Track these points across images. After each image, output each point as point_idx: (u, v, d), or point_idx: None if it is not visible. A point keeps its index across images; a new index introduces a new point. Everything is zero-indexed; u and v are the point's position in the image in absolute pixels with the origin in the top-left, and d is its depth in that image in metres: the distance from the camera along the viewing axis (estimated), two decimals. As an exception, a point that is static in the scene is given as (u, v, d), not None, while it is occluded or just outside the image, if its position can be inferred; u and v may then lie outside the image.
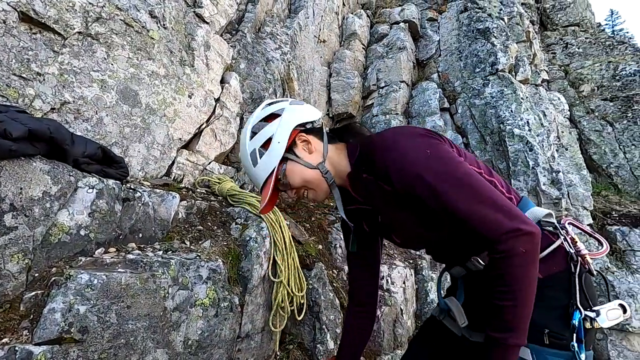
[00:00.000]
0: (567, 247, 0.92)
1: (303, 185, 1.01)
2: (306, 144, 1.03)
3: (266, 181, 1.00)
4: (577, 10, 10.36)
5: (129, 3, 2.23)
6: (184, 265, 1.65)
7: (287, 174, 1.00)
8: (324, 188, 1.03)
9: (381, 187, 0.94)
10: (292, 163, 1.00)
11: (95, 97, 1.98)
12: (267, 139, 1.00)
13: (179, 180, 2.55)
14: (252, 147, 1.01)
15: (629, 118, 6.82)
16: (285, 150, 0.99)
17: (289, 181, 1.01)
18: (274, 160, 0.99)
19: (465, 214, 0.81)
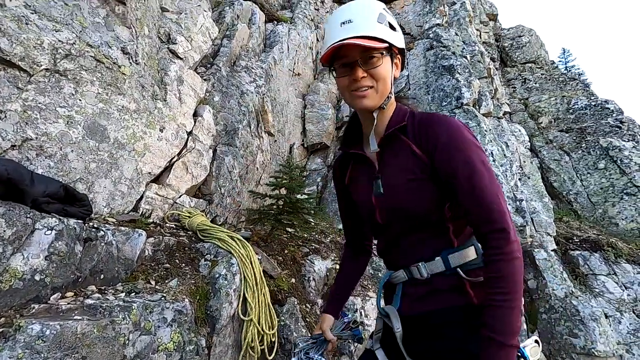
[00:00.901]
0: None
1: (378, 79, 0.99)
2: (397, 65, 1.07)
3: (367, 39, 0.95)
4: (532, 49, 11.27)
5: (100, 40, 2.24)
6: (147, 308, 1.58)
7: (383, 60, 0.99)
8: (381, 100, 1.02)
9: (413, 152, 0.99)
10: (389, 61, 1.02)
11: (60, 133, 1.94)
12: (394, 25, 1.04)
13: (147, 215, 2.48)
14: (385, 13, 1.02)
15: (583, 148, 7.34)
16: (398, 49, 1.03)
17: (380, 65, 0.98)
18: (394, 40, 1.00)
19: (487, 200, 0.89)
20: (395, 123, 1.04)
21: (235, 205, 3.62)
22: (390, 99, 1.04)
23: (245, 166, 3.82)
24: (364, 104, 1.01)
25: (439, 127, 0.97)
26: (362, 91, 0.99)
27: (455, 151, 0.93)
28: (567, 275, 4.79)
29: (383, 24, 0.99)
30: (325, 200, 5.02)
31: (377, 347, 1.11)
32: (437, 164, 0.95)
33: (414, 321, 1.02)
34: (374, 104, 1.01)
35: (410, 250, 1.04)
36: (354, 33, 0.95)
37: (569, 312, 4.23)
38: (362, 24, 0.97)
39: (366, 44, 0.94)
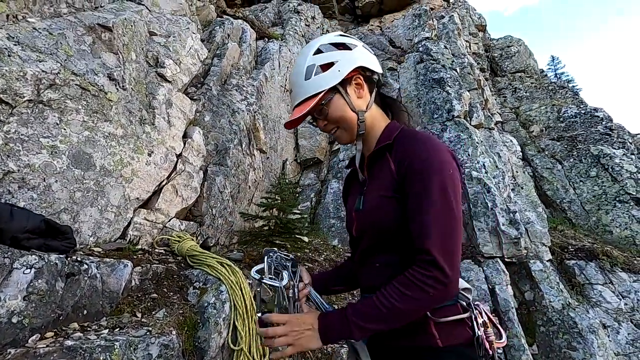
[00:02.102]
0: (475, 327, 0.94)
1: (337, 121, 1.03)
2: (358, 88, 1.04)
3: (307, 100, 1.00)
4: (521, 59, 11.46)
5: (86, 68, 2.24)
6: (131, 345, 1.54)
7: (330, 104, 1.01)
8: (352, 133, 1.04)
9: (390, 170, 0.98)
10: (339, 97, 1.01)
11: (43, 163, 1.92)
12: (329, 62, 1.01)
13: (134, 242, 2.44)
14: (312, 62, 1.01)
15: (575, 156, 7.40)
16: (340, 81, 1.00)
17: (329, 111, 1.02)
18: (328, 83, 0.99)
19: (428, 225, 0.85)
20: (383, 141, 1.04)
21: (227, 226, 3.59)
22: (363, 122, 1.04)
23: (237, 185, 3.79)
24: (340, 142, 1.09)
25: (414, 145, 0.96)
26: (333, 134, 1.06)
27: (418, 169, 0.91)
28: (563, 286, 4.77)
29: (313, 76, 1.01)
30: (319, 216, 4.99)
31: None
32: (402, 180, 0.95)
33: (382, 356, 0.99)
34: (348, 139, 1.07)
35: (378, 273, 1.02)
36: (295, 102, 1.04)
37: (567, 324, 4.19)
38: (297, 92, 1.04)
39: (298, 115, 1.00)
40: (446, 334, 0.90)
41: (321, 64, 1.01)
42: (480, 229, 4.70)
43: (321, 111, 1.03)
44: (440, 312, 0.92)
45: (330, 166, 5.76)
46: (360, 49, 1.06)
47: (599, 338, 4.07)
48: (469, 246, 4.83)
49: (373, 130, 1.06)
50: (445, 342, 0.90)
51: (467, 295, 0.98)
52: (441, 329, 0.91)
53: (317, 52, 1.03)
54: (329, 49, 1.04)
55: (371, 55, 1.08)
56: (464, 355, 0.91)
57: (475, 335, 0.92)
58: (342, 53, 1.03)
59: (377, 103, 1.11)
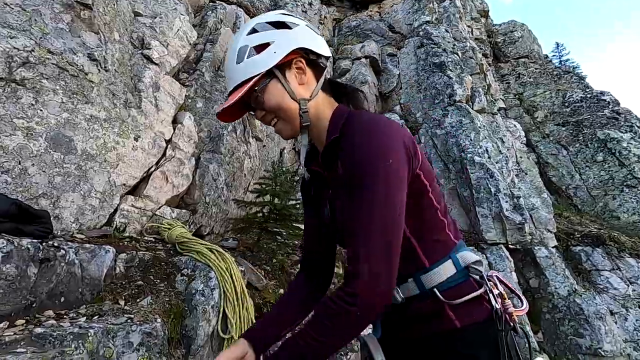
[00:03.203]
0: (493, 301, 0.84)
1: (275, 110, 0.89)
2: (300, 73, 0.90)
3: (240, 86, 0.87)
4: (525, 44, 11.19)
5: (64, 47, 2.13)
6: (109, 333, 1.45)
7: (265, 91, 0.88)
8: (294, 125, 0.91)
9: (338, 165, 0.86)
10: (276, 83, 0.88)
11: (18, 146, 1.82)
12: (264, 42, 0.88)
13: (121, 230, 2.35)
14: (244, 43, 0.88)
15: (581, 141, 7.22)
16: (276, 64, 0.87)
17: (264, 99, 0.88)
18: (260, 67, 0.86)
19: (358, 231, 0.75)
20: (330, 134, 0.90)
21: (222, 214, 3.49)
22: (306, 113, 0.90)
23: (232, 173, 3.69)
24: (282, 135, 0.94)
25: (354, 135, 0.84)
26: (274, 126, 0.93)
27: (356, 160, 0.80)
28: (569, 273, 4.65)
29: (245, 59, 0.87)
30: (318, 205, 4.89)
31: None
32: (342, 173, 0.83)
33: (396, 349, 0.91)
34: (290, 133, 0.93)
35: None
36: (229, 90, 0.91)
37: (573, 311, 4.08)
38: (229, 77, 0.91)
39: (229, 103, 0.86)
40: (463, 314, 0.82)
41: (255, 45, 0.87)
42: (484, 215, 4.58)
43: (257, 100, 0.89)
44: (453, 292, 0.84)
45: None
46: (302, 27, 0.92)
47: (606, 324, 3.96)
48: (472, 233, 4.72)
49: (320, 121, 0.92)
50: (463, 322, 0.82)
51: (478, 269, 0.88)
52: (457, 309, 0.83)
53: (252, 31, 0.90)
54: (265, 27, 0.90)
55: (317, 35, 0.94)
56: (484, 332, 0.83)
57: (494, 309, 0.83)
58: (280, 32, 0.89)
59: (326, 91, 0.96)
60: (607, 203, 6.36)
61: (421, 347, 0.87)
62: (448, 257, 0.86)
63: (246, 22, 0.94)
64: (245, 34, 0.90)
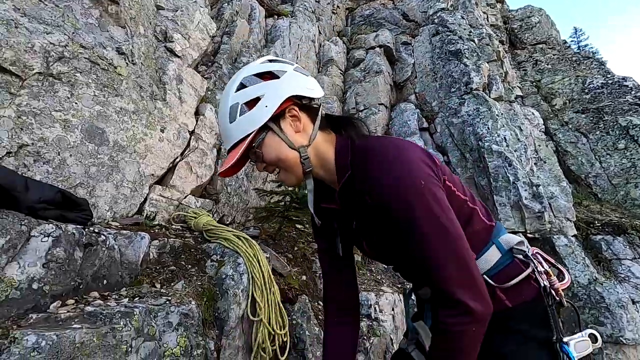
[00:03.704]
0: (539, 278, 0.88)
1: (275, 162, 0.91)
2: (295, 120, 0.91)
3: (238, 144, 0.88)
4: (543, 30, 10.90)
5: (94, 41, 2.19)
6: (151, 312, 1.53)
7: (263, 145, 0.88)
8: (297, 174, 0.92)
9: (364, 199, 0.86)
10: (273, 135, 0.89)
11: (57, 137, 1.91)
12: (254, 97, 0.88)
13: (151, 218, 2.44)
14: (234, 101, 0.88)
15: (601, 129, 7.05)
16: (270, 118, 0.87)
17: (263, 154, 0.89)
18: (254, 124, 0.87)
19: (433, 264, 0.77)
20: (342, 172, 0.91)
21: (243, 204, 3.57)
22: (307, 159, 0.90)
23: (251, 164, 3.76)
24: (287, 184, 0.99)
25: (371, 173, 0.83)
26: (277, 175, 0.95)
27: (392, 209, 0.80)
28: (589, 261, 4.60)
29: (237, 118, 0.87)
30: (335, 195, 4.94)
31: (412, 349, 1.06)
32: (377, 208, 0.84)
33: None
34: (294, 181, 0.95)
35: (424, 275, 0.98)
36: (226, 147, 0.93)
37: (594, 299, 4.06)
38: (225, 137, 0.93)
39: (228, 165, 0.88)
40: (514, 294, 0.87)
41: (245, 102, 0.87)
42: (502, 204, 4.55)
43: (255, 154, 0.90)
44: (502, 276, 0.88)
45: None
46: (290, 74, 0.91)
47: (628, 313, 3.92)
48: (490, 222, 4.70)
49: (325, 161, 0.93)
50: (514, 302, 0.87)
51: (522, 249, 0.92)
52: (507, 291, 0.88)
53: (240, 87, 0.89)
54: (253, 81, 0.89)
55: (307, 77, 0.93)
56: (534, 309, 0.88)
57: (542, 287, 0.88)
58: (268, 84, 0.88)
59: (323, 128, 0.96)
60: (628, 191, 6.22)
61: None
62: (491, 243, 0.90)
63: (232, 77, 0.94)
64: (234, 91, 0.89)
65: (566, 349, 0.84)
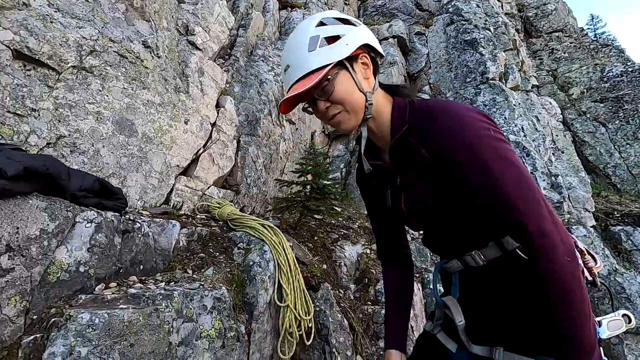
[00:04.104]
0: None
1: (342, 101, 0.91)
2: (365, 68, 0.95)
3: (308, 76, 0.89)
4: (559, 17, 10.63)
5: (122, 35, 2.25)
6: (187, 296, 1.60)
7: (335, 81, 0.90)
8: (358, 118, 0.93)
9: (420, 153, 0.89)
10: (346, 74, 0.91)
11: (91, 129, 1.97)
12: (335, 35, 0.91)
13: (178, 208, 2.51)
14: (315, 33, 0.91)
15: (621, 118, 6.90)
16: (348, 56, 0.90)
17: (334, 90, 0.90)
18: (334, 56, 0.89)
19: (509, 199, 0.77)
20: (398, 127, 0.93)
21: (262, 195, 3.63)
22: (371, 105, 0.93)
23: (269, 155, 3.81)
24: (343, 128, 0.95)
25: (441, 122, 0.85)
26: (334, 119, 0.94)
27: (463, 148, 0.81)
28: (609, 252, 4.56)
29: (317, 49, 0.89)
30: (350, 186, 4.96)
31: (437, 330, 1.07)
32: (447, 165, 0.85)
33: (476, 310, 0.96)
34: (353, 124, 0.94)
35: (459, 242, 0.97)
36: (294, 79, 0.91)
37: (614, 289, 4.03)
38: (297, 65, 0.91)
39: (299, 90, 0.87)
40: None
41: (326, 37, 0.90)
42: (519, 194, 4.52)
43: (324, 89, 0.91)
44: None
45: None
46: (364, 27, 0.97)
47: (649, 303, 3.89)
48: (507, 212, 4.67)
49: (380, 114, 0.96)
50: None
51: None
52: None
53: (321, 24, 0.93)
54: (334, 22, 0.94)
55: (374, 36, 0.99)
56: None
57: None
58: (348, 28, 0.93)
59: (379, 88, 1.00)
60: (649, 182, 6.10)
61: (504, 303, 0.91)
62: None
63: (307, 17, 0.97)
64: (314, 25, 0.93)
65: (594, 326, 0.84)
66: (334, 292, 2.67)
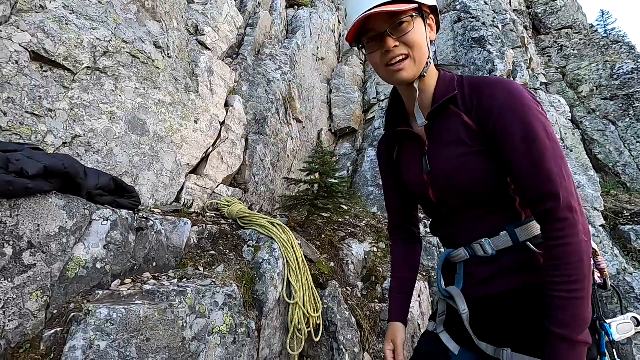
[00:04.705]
0: None
1: (414, 45, 0.91)
2: (431, 27, 0.97)
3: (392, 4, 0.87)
4: (568, 13, 10.50)
5: (134, 36, 2.28)
6: (200, 292, 1.63)
7: (415, 23, 0.90)
8: (419, 68, 0.93)
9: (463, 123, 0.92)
10: (421, 23, 0.92)
11: (105, 128, 2.01)
12: None
13: (188, 206, 2.55)
14: None
15: (631, 116, 6.82)
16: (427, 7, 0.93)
17: (410, 31, 0.90)
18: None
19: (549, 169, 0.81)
20: (444, 93, 0.95)
21: (269, 194, 3.66)
22: (429, 65, 0.95)
23: (276, 154, 3.84)
24: (402, 76, 0.93)
25: (493, 91, 0.88)
26: (398, 63, 0.92)
27: (512, 115, 0.84)
28: (618, 251, 4.52)
29: None
30: (357, 185, 4.98)
31: (440, 330, 1.06)
32: (491, 131, 0.87)
33: (480, 303, 0.95)
34: (413, 74, 0.93)
35: (471, 227, 0.96)
36: (377, 2, 0.88)
37: (623, 289, 3.99)
38: None
39: (390, 9, 0.86)
40: None
41: None
42: (527, 193, 4.49)
43: (402, 26, 0.89)
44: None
45: (366, 135, 5.67)
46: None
47: (658, 303, 3.86)
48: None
49: (429, 78, 0.97)
50: None
51: None
52: None
53: None
54: None
55: None
56: None
57: None
58: None
59: None
60: (660, 180, 6.03)
61: (510, 299, 0.90)
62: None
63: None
64: None
65: (606, 327, 0.84)
66: (341, 290, 2.69)
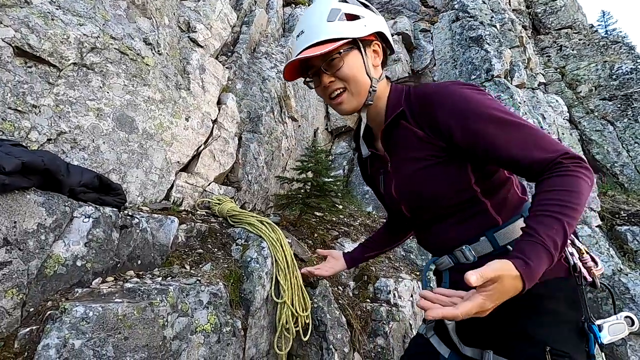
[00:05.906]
0: (569, 256, 0.87)
1: (348, 79, 0.93)
2: (375, 55, 0.98)
3: (320, 44, 0.90)
4: (568, 13, 10.46)
5: (123, 32, 2.27)
6: (183, 291, 1.61)
7: (346, 58, 0.92)
8: (360, 100, 0.96)
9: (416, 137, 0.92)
10: (357, 54, 0.93)
11: (91, 125, 2.00)
12: (355, 14, 0.94)
13: (178, 204, 2.54)
14: (337, 6, 0.93)
15: (629, 116, 6.79)
16: (363, 38, 0.93)
17: (343, 65, 0.92)
18: (351, 33, 0.91)
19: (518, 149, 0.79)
20: (392, 111, 0.96)
21: (263, 192, 3.64)
22: (373, 93, 0.95)
23: (270, 152, 3.82)
24: (343, 108, 0.97)
25: (432, 100, 0.88)
26: (337, 97, 0.95)
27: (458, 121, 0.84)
28: (614, 252, 4.50)
29: (336, 20, 0.91)
30: (353, 184, 4.96)
31: (430, 334, 1.07)
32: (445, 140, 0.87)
33: None
34: (354, 106, 0.96)
35: (450, 235, 0.97)
36: (306, 44, 0.91)
37: (618, 290, 3.98)
38: (312, 32, 0.92)
39: (310, 54, 0.88)
40: None
41: (347, 12, 0.93)
42: (523, 193, 4.48)
43: (333, 63, 0.92)
44: None
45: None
46: (381, 18, 1.00)
47: (654, 304, 3.83)
48: (510, 211, 4.63)
49: (379, 100, 0.99)
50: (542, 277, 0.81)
51: None
52: None
53: (344, 0, 0.95)
54: (356, 3, 0.97)
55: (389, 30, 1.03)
56: (564, 286, 0.86)
57: (571, 265, 0.86)
58: (369, 12, 0.96)
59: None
60: (657, 181, 6.00)
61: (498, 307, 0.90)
62: (520, 215, 0.90)
63: None
64: (336, 1, 0.95)
65: (595, 329, 0.82)
66: (332, 289, 2.68)
